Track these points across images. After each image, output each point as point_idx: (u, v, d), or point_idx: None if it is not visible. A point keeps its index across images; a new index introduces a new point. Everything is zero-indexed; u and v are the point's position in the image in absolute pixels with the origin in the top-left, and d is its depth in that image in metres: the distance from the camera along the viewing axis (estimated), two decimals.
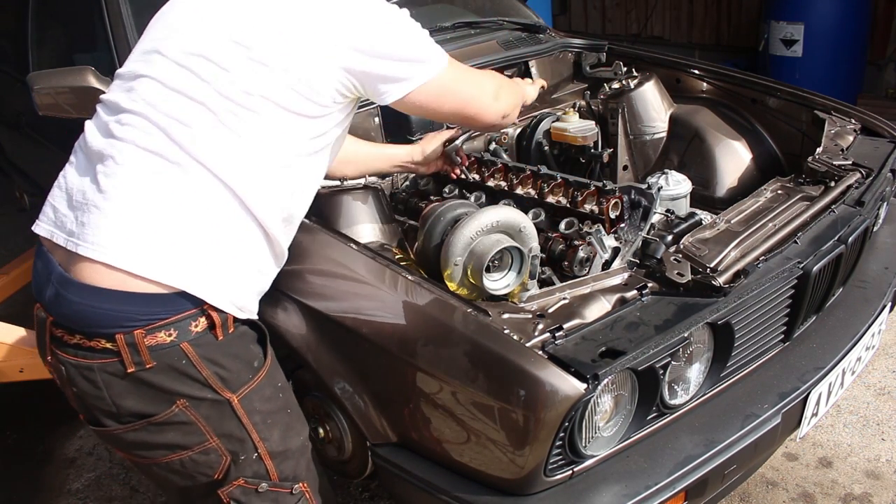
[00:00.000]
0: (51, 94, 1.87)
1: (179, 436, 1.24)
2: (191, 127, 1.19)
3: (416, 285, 1.41)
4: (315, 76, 1.22)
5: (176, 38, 1.26)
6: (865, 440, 2.30)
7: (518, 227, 1.48)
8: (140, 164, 1.19)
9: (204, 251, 1.20)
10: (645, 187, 1.71)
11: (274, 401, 1.32)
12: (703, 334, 1.45)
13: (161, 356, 1.18)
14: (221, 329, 1.22)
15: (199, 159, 1.19)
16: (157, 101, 1.21)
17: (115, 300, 1.15)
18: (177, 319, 1.18)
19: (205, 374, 1.21)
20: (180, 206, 1.18)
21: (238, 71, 1.20)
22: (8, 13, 2.91)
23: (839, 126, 2.14)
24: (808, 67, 4.56)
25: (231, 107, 1.20)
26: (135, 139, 1.20)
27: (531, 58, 2.46)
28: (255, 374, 1.28)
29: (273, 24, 1.22)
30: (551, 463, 1.31)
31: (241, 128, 1.21)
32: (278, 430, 1.32)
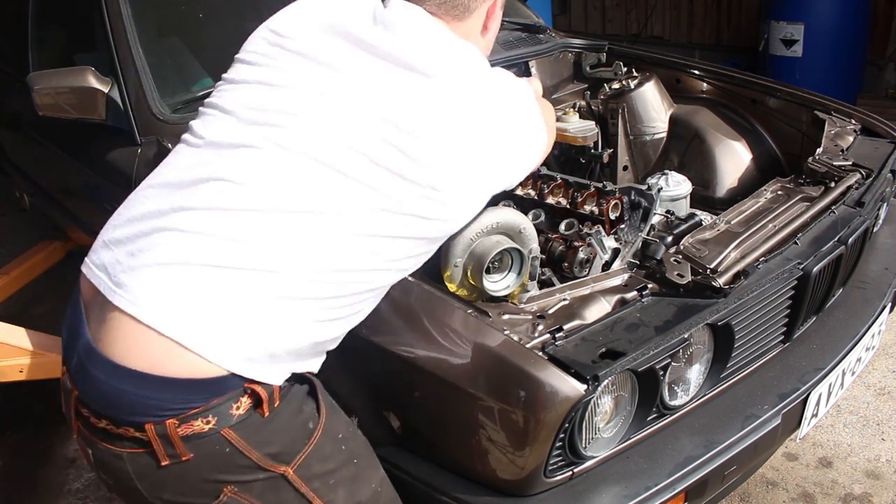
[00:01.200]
0: (51, 94, 1.87)
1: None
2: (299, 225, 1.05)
3: (415, 286, 1.41)
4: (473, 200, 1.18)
5: (322, 113, 1.09)
6: (865, 440, 2.30)
7: (518, 228, 1.48)
8: (211, 240, 1.03)
9: (266, 336, 1.04)
10: (645, 188, 1.71)
11: (335, 457, 1.17)
12: (704, 335, 1.45)
13: (199, 446, 1.02)
14: (268, 404, 1.06)
15: (300, 263, 1.04)
16: (267, 179, 1.06)
17: (143, 383, 1.00)
18: (215, 404, 1.01)
19: (254, 458, 1.06)
20: (243, 290, 1.03)
21: (402, 190, 1.07)
22: (8, 13, 2.91)
23: (839, 126, 2.14)
24: (808, 67, 4.56)
25: (377, 216, 1.07)
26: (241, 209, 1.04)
27: (531, 58, 2.46)
28: (310, 436, 1.13)
29: (440, 140, 1.08)
30: (551, 464, 1.31)
31: (380, 234, 1.09)
32: (343, 487, 1.17)
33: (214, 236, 1.04)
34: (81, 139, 2.20)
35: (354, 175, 1.06)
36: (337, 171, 1.06)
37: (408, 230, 1.11)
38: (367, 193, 1.06)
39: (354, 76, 1.11)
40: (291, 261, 1.05)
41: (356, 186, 1.06)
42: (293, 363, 1.11)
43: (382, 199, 1.07)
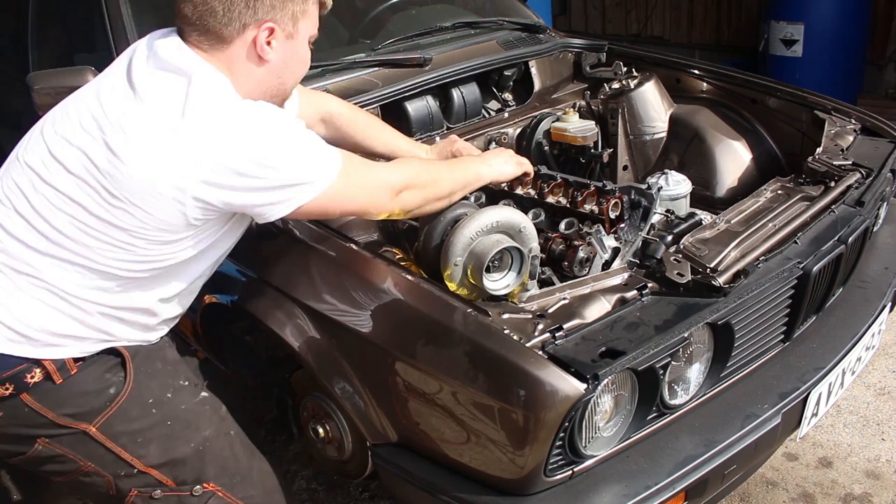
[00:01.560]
0: (51, 94, 1.87)
1: (56, 465, 1.34)
2: (43, 236, 1.25)
3: (416, 285, 1.41)
4: (163, 214, 1.22)
5: (49, 139, 1.29)
6: (865, 440, 2.30)
7: (518, 227, 1.48)
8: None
9: (35, 313, 1.27)
10: (645, 187, 1.71)
11: (144, 419, 1.36)
12: (703, 334, 1.45)
13: (4, 408, 1.27)
14: (59, 373, 1.29)
15: (56, 256, 1.26)
16: (28, 193, 1.27)
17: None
18: (10, 375, 1.26)
19: (50, 417, 1.29)
20: (18, 271, 1.26)
21: (88, 194, 1.22)
22: (8, 13, 2.91)
23: (839, 126, 2.14)
24: (808, 67, 4.55)
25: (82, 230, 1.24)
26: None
27: (531, 58, 2.46)
28: (111, 400, 1.33)
29: (128, 152, 1.20)
30: (551, 463, 1.31)
31: (90, 254, 1.25)
32: (155, 444, 1.37)
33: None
34: None
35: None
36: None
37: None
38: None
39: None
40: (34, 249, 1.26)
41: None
42: (71, 343, 1.30)
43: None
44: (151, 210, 1.21)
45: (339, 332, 1.49)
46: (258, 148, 1.20)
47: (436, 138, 2.17)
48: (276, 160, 1.21)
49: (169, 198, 1.19)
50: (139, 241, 1.24)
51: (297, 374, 1.82)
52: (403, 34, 2.31)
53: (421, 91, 2.13)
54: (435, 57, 2.19)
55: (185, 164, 1.18)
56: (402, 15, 2.51)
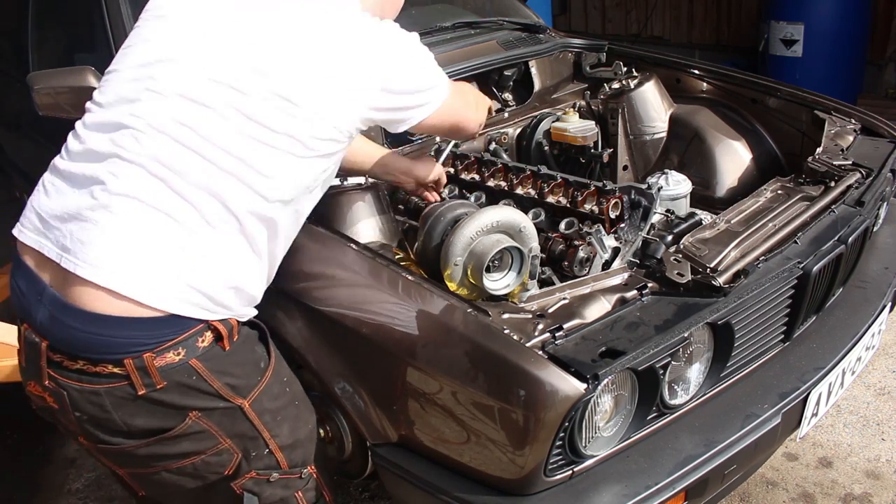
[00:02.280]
0: (51, 94, 1.87)
1: (193, 443, 1.23)
2: (199, 156, 1.17)
3: (416, 285, 1.41)
4: (343, 118, 1.23)
5: (191, 55, 1.21)
6: (865, 440, 2.30)
7: (518, 227, 1.48)
8: (142, 183, 1.15)
9: (203, 272, 1.18)
10: (645, 187, 1.71)
11: (282, 397, 1.33)
12: (703, 334, 1.45)
13: (171, 375, 1.16)
14: (228, 339, 1.22)
15: (204, 187, 1.17)
16: (166, 124, 1.17)
17: (121, 326, 1.13)
18: (184, 338, 1.17)
19: (216, 387, 1.21)
20: (179, 229, 1.16)
21: (262, 105, 1.18)
22: (8, 13, 2.91)
23: (839, 126, 2.14)
24: (808, 67, 4.55)
25: (249, 142, 1.18)
26: (139, 160, 1.16)
27: (531, 58, 2.46)
28: (262, 375, 1.29)
29: (300, 62, 1.20)
30: (551, 463, 1.31)
31: (255, 162, 1.18)
32: (288, 424, 1.34)
33: (145, 187, 1.16)
34: None
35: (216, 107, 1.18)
36: (202, 106, 1.18)
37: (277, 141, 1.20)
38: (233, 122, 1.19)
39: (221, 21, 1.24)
40: (205, 193, 1.17)
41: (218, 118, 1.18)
42: (233, 298, 1.23)
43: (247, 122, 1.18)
44: (330, 118, 1.22)
45: (339, 331, 1.49)
46: (410, 53, 1.31)
47: (436, 138, 2.17)
48: (424, 62, 1.33)
49: (350, 107, 1.24)
50: (310, 153, 1.22)
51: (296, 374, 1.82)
52: None
53: None
54: (435, 57, 2.18)
55: (360, 78, 1.23)
56: (402, 15, 2.50)
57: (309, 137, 1.20)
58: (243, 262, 1.24)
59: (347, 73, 1.23)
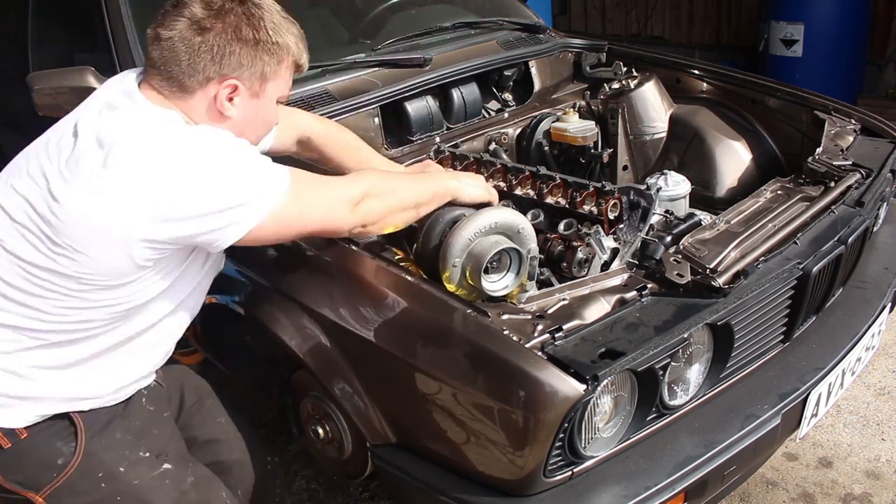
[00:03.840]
0: (51, 95, 1.87)
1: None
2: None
3: (415, 286, 1.41)
4: (109, 258, 1.16)
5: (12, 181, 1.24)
6: (865, 440, 2.30)
7: (516, 228, 1.48)
8: None
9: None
10: (644, 188, 1.71)
11: (92, 493, 1.30)
12: (703, 335, 1.45)
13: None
14: (7, 438, 1.24)
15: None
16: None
17: None
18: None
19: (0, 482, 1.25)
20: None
21: (24, 240, 1.18)
22: (8, 13, 2.91)
23: (839, 126, 2.14)
24: (808, 67, 4.55)
25: (28, 276, 1.19)
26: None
27: (531, 58, 2.46)
28: (59, 471, 1.27)
29: (67, 195, 1.15)
30: (551, 464, 1.31)
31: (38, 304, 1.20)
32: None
33: None
34: None
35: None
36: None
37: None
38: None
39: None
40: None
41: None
42: (20, 408, 1.24)
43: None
44: (95, 255, 1.15)
45: (339, 332, 1.49)
46: (193, 171, 1.15)
47: (435, 138, 2.17)
48: (214, 181, 1.16)
49: (113, 240, 1.14)
50: (88, 288, 1.18)
51: (297, 375, 1.82)
52: (403, 34, 2.31)
53: (421, 91, 2.13)
54: (435, 57, 2.19)
55: (123, 203, 1.13)
56: (402, 15, 2.51)
57: (75, 269, 1.17)
58: (46, 380, 1.25)
59: (107, 202, 1.13)
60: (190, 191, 1.14)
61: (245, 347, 1.97)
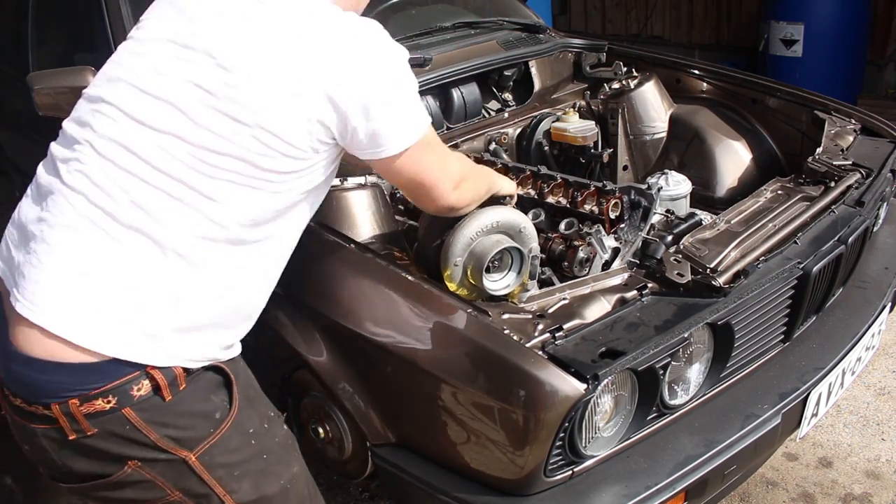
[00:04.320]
0: (51, 94, 1.87)
1: (138, 492, 1.17)
2: (146, 184, 1.11)
3: (416, 286, 1.41)
4: (289, 129, 1.12)
5: (138, 73, 1.16)
6: (865, 440, 2.30)
7: (518, 227, 1.48)
8: (84, 220, 1.11)
9: (146, 314, 1.11)
10: (645, 187, 1.71)
11: (243, 450, 1.23)
12: (703, 335, 1.45)
13: (102, 423, 1.11)
14: (169, 389, 1.14)
15: (153, 216, 1.11)
16: (109, 149, 1.12)
17: (47, 370, 1.09)
18: (115, 385, 1.10)
19: (153, 438, 1.13)
20: (121, 269, 1.10)
21: (208, 123, 1.11)
22: (8, 13, 2.91)
23: (839, 126, 2.14)
24: (808, 67, 4.55)
25: (196, 165, 1.11)
26: (84, 191, 1.12)
27: (531, 58, 2.46)
28: (216, 426, 1.19)
29: (247, 71, 1.11)
30: (551, 463, 1.31)
31: (204, 189, 1.12)
32: (249, 479, 1.24)
33: (86, 219, 1.11)
34: None
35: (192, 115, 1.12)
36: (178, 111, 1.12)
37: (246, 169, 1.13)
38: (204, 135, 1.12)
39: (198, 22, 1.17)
40: (154, 222, 1.11)
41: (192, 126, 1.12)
42: (184, 344, 1.15)
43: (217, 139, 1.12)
44: (277, 129, 1.11)
45: (339, 332, 1.49)
46: (386, 66, 1.15)
47: None
48: (400, 82, 1.17)
49: (292, 111, 1.11)
50: (266, 174, 1.13)
51: (297, 374, 1.82)
52: (403, 34, 2.31)
53: (421, 91, 2.12)
54: (435, 57, 2.18)
55: (311, 78, 1.11)
56: (402, 15, 2.51)
57: (257, 156, 1.12)
58: (206, 300, 1.16)
59: (291, 74, 1.11)
60: (385, 82, 1.14)
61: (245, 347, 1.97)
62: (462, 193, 1.35)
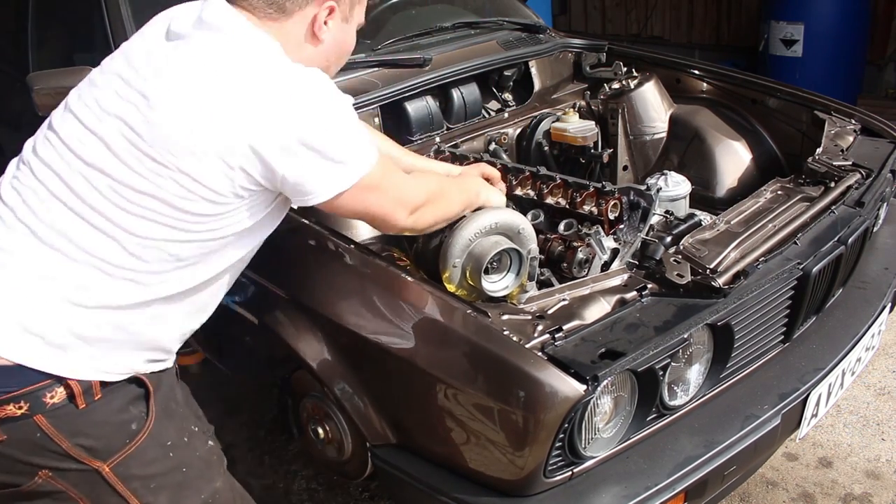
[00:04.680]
0: (51, 95, 1.87)
1: (50, 502, 1.16)
2: (71, 213, 1.14)
3: (415, 286, 1.41)
4: (209, 174, 1.12)
5: (86, 109, 1.19)
6: (865, 440, 2.30)
7: (517, 228, 1.48)
8: (9, 234, 1.14)
9: (54, 326, 1.12)
10: (644, 188, 1.71)
11: (160, 462, 1.23)
12: (703, 335, 1.45)
13: (12, 430, 1.09)
14: (83, 397, 1.13)
15: (68, 252, 1.13)
16: (47, 178, 1.17)
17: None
18: (27, 391, 1.09)
19: (64, 447, 1.12)
20: (34, 280, 1.12)
21: (131, 162, 1.12)
22: (8, 13, 2.91)
23: (839, 126, 2.14)
24: (808, 67, 4.55)
25: (116, 200, 1.13)
26: (14, 207, 1.16)
27: (531, 58, 2.46)
28: (132, 437, 1.19)
29: (180, 111, 1.11)
30: (551, 464, 1.31)
31: (123, 223, 1.14)
32: (166, 493, 1.23)
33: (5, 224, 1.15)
34: None
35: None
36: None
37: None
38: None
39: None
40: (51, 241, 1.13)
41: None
42: (96, 357, 1.15)
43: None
44: (196, 174, 1.11)
45: (339, 333, 1.49)
46: (316, 113, 1.13)
47: (435, 138, 2.17)
48: (333, 129, 1.15)
49: (213, 157, 1.10)
50: (184, 216, 1.14)
51: (297, 375, 1.82)
52: (403, 34, 2.31)
53: (421, 91, 2.13)
54: (435, 57, 2.19)
55: (236, 125, 1.10)
56: (402, 15, 2.51)
57: (175, 198, 1.12)
58: (121, 322, 1.17)
59: (214, 121, 1.10)
60: (311, 132, 1.12)
61: (245, 347, 1.97)
62: (419, 218, 1.34)
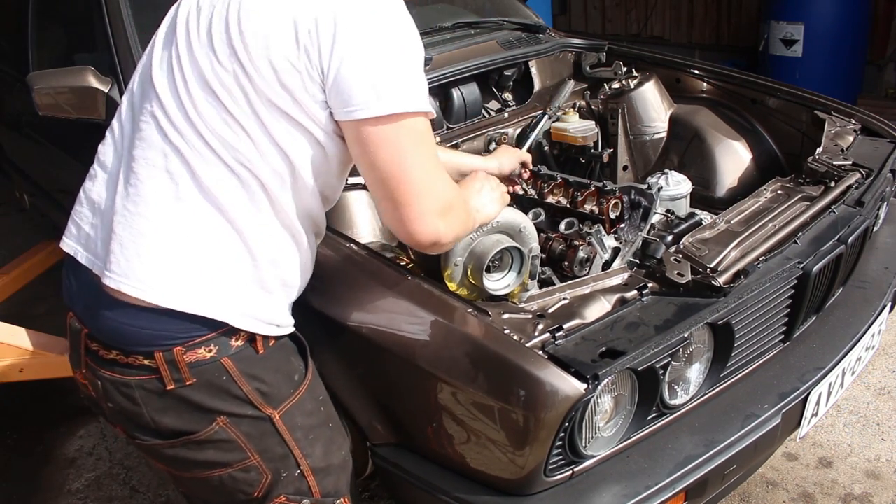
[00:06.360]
0: (51, 94, 1.87)
1: (220, 453, 1.19)
2: (213, 145, 1.11)
3: (416, 285, 1.41)
4: (277, 72, 1.08)
5: (194, 36, 1.14)
6: (865, 440, 2.30)
7: (518, 227, 1.48)
8: (163, 187, 1.12)
9: (237, 276, 1.14)
10: (645, 187, 1.71)
11: (316, 415, 1.27)
12: (703, 334, 1.45)
13: (201, 373, 1.13)
14: (262, 343, 1.19)
15: (231, 173, 1.11)
16: (176, 114, 1.12)
17: (153, 319, 1.11)
18: (216, 335, 1.14)
19: (245, 390, 1.16)
20: (207, 233, 1.12)
21: (239, 78, 1.09)
22: (8, 13, 2.91)
23: (839, 126, 2.14)
24: (808, 67, 4.56)
25: (256, 114, 1.10)
26: (155, 160, 1.13)
27: (531, 58, 2.46)
28: (296, 388, 1.23)
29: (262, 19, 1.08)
30: (551, 463, 1.31)
31: (268, 138, 1.11)
32: (321, 444, 1.27)
33: (173, 187, 1.12)
34: (81, 139, 2.20)
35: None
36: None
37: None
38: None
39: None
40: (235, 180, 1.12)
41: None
42: (267, 309, 1.19)
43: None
44: (275, 45, 1.07)
45: (339, 331, 1.49)
46: (381, 12, 1.07)
47: (436, 138, 2.17)
48: (404, 41, 1.08)
49: (288, 24, 1.06)
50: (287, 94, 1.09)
51: None
52: None
53: None
54: (435, 57, 2.19)
55: (282, 16, 1.06)
56: None
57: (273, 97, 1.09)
58: (282, 260, 1.20)
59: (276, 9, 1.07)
60: (383, 34, 1.06)
61: None
62: (450, 223, 1.14)
